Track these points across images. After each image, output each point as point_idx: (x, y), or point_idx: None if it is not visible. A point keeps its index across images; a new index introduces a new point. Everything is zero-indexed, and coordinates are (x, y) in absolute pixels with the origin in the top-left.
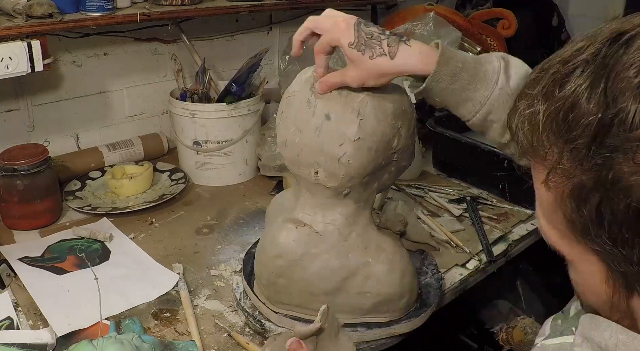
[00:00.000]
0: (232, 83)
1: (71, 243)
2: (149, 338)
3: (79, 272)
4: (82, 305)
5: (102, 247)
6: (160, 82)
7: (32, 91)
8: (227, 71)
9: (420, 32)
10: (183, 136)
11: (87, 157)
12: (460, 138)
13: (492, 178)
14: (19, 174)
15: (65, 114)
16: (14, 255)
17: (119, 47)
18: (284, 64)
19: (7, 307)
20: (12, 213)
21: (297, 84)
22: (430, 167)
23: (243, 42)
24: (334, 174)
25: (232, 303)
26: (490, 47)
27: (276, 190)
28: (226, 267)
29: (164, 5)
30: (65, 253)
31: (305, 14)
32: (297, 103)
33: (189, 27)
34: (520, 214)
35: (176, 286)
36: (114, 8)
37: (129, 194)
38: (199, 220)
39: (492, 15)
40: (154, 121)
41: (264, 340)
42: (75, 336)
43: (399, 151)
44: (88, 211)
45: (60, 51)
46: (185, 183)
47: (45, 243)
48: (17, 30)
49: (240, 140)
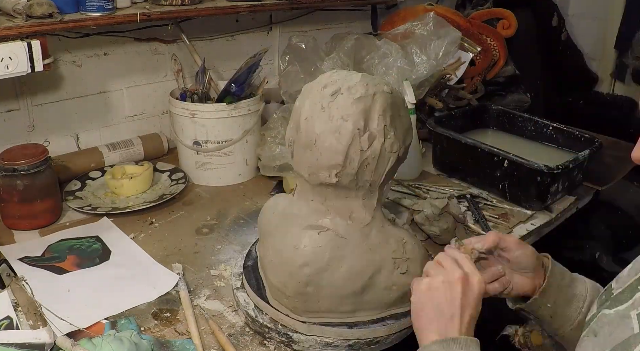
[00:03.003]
0: (231, 83)
1: (71, 243)
2: (147, 337)
3: (79, 272)
4: (82, 304)
5: (102, 247)
6: (160, 82)
7: (32, 91)
8: (227, 71)
9: (420, 32)
10: (183, 136)
11: (87, 157)
12: (460, 138)
13: (492, 178)
14: (19, 174)
15: (65, 114)
16: (14, 255)
17: (119, 47)
18: (284, 64)
19: (7, 307)
20: (12, 213)
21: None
22: (430, 167)
23: (243, 42)
24: (356, 175)
25: (232, 303)
26: (490, 47)
27: (276, 190)
28: (226, 267)
29: (164, 5)
30: (65, 253)
31: (305, 14)
32: (311, 108)
33: (189, 27)
34: (520, 214)
35: (176, 286)
36: (114, 8)
37: (129, 194)
38: (199, 220)
39: (492, 15)
40: (154, 121)
41: (264, 340)
42: (74, 336)
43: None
44: (88, 211)
45: (60, 51)
46: (185, 183)
47: (45, 242)
48: (17, 30)
49: (240, 140)
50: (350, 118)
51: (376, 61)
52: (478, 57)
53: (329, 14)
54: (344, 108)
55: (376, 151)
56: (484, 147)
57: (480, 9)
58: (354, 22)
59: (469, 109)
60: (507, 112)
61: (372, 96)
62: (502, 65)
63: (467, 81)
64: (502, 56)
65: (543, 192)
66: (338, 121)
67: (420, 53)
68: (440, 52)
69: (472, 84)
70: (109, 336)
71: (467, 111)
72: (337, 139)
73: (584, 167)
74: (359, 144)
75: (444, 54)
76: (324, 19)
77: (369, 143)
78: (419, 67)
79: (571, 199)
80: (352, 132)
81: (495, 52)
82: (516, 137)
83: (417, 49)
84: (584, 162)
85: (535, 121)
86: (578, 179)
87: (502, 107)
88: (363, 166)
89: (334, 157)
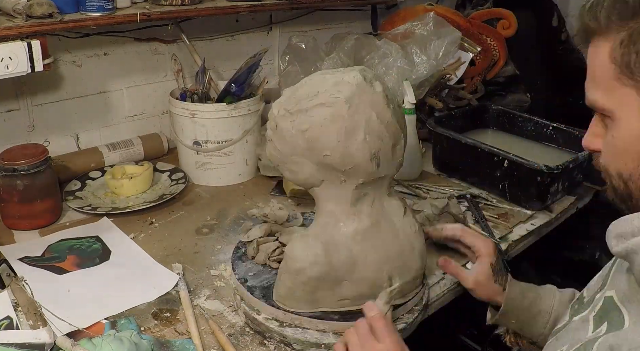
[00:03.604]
0: (231, 83)
1: (72, 243)
2: (147, 337)
3: (79, 272)
4: (82, 304)
5: (102, 247)
6: (160, 82)
7: (32, 91)
8: (227, 71)
9: (420, 32)
10: (183, 136)
11: (87, 157)
12: (460, 138)
13: (492, 178)
14: (19, 174)
15: (65, 114)
16: (14, 255)
17: (119, 47)
18: (284, 65)
19: (7, 307)
20: (12, 213)
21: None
22: (430, 167)
23: (243, 42)
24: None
25: (232, 303)
26: (490, 47)
27: (276, 190)
28: (226, 267)
29: (164, 5)
30: (65, 253)
31: (305, 14)
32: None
33: (189, 27)
34: (520, 214)
35: (176, 286)
36: (114, 8)
37: (129, 194)
38: (199, 220)
39: (492, 15)
40: (154, 121)
41: (264, 340)
42: (74, 336)
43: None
44: (88, 211)
45: (60, 51)
46: (185, 183)
47: (45, 242)
48: (17, 30)
49: (240, 140)
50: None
51: (376, 61)
52: (478, 57)
53: (329, 14)
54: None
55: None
56: (484, 147)
57: (480, 9)
58: (354, 22)
59: (469, 109)
60: (507, 112)
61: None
62: (502, 65)
63: (467, 81)
64: (502, 56)
65: (543, 192)
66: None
67: (420, 53)
68: (440, 52)
69: (472, 84)
70: (109, 336)
71: (467, 111)
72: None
73: (584, 167)
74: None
75: (444, 54)
76: (324, 19)
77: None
78: (419, 67)
79: (571, 199)
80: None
81: (495, 52)
82: (516, 137)
83: (417, 49)
84: (584, 162)
85: (535, 121)
86: (578, 179)
87: (502, 107)
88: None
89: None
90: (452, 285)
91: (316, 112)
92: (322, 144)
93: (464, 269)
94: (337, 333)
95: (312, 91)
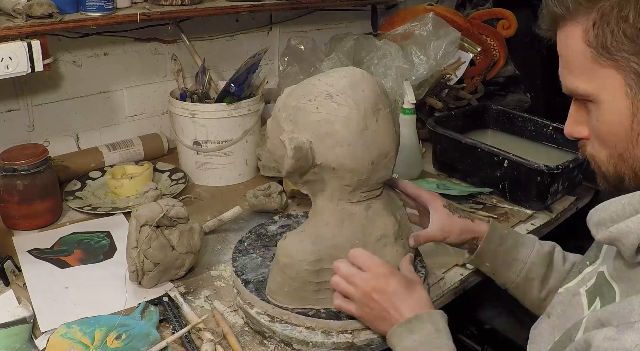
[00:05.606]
0: (230, 83)
1: (82, 236)
2: (155, 334)
3: (81, 267)
4: (77, 301)
5: (110, 243)
6: (160, 82)
7: (32, 91)
8: (227, 71)
9: (420, 33)
10: (183, 136)
11: (87, 157)
12: (460, 138)
13: (492, 178)
14: (19, 174)
15: (65, 114)
16: (26, 246)
17: (119, 47)
18: (283, 66)
19: (13, 304)
20: (12, 213)
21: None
22: (430, 168)
23: (243, 42)
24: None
25: (232, 303)
26: (490, 47)
27: None
28: (226, 267)
29: (164, 5)
30: (73, 246)
31: (305, 14)
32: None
33: (189, 27)
34: (520, 214)
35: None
36: (114, 8)
37: (129, 194)
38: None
39: (492, 15)
40: (154, 121)
41: (264, 340)
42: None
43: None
44: (88, 211)
45: (60, 51)
46: (185, 183)
47: (58, 234)
48: (17, 30)
49: (240, 140)
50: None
51: (376, 61)
52: (478, 57)
53: (328, 14)
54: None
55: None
56: (484, 147)
57: (480, 9)
58: (354, 22)
59: (469, 109)
60: (507, 112)
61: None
62: (502, 65)
63: (467, 81)
64: (502, 56)
65: (543, 192)
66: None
67: (420, 53)
68: (440, 52)
69: (472, 84)
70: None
71: (467, 111)
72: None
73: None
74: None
75: (443, 54)
76: (324, 19)
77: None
78: (419, 68)
79: (571, 199)
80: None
81: (495, 52)
82: (516, 137)
83: (417, 50)
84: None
85: (535, 121)
86: (578, 179)
87: (502, 107)
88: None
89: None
90: (452, 285)
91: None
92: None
93: (428, 229)
94: (325, 332)
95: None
